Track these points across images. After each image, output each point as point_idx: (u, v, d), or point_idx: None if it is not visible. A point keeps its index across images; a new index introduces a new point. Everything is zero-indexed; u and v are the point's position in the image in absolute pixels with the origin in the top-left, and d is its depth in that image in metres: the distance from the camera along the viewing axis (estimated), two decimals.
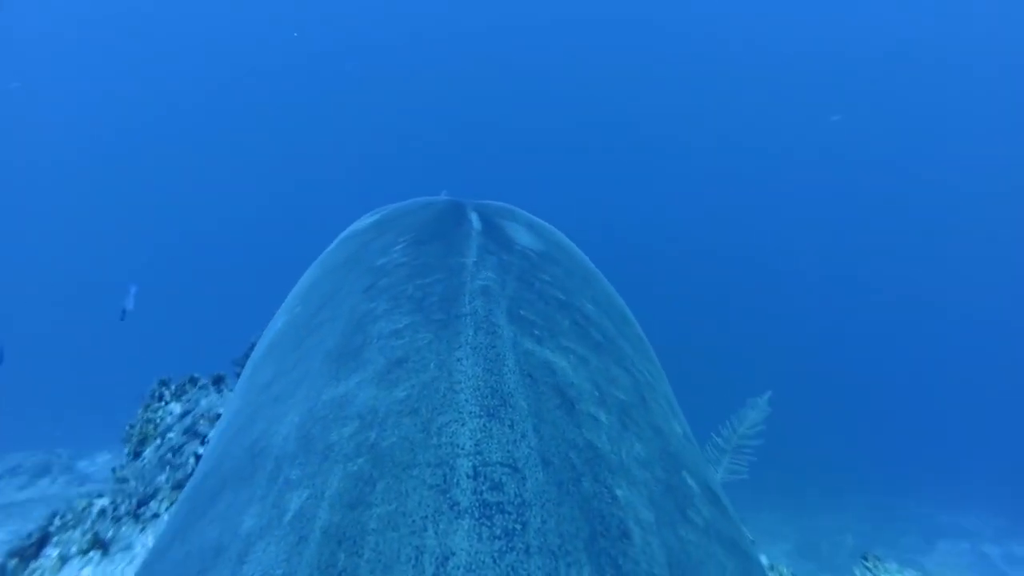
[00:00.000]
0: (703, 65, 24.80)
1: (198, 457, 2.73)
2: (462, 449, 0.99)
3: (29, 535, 2.48)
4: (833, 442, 11.79)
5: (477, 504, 0.90)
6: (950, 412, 13.36)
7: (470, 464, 0.96)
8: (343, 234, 2.39)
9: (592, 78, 24.70)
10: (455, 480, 0.93)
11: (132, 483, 2.65)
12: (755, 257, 20.01)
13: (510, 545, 0.84)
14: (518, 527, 0.87)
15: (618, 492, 1.03)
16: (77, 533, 2.47)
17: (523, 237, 1.94)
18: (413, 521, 0.88)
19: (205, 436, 2.88)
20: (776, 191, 23.42)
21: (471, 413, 1.06)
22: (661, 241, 20.35)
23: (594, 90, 24.66)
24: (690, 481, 1.25)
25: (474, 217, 1.97)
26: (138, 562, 2.33)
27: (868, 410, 12.89)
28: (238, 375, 3.32)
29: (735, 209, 23.02)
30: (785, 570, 2.84)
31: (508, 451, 0.99)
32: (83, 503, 2.65)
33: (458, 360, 1.18)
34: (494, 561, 0.82)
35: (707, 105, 24.58)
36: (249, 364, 1.86)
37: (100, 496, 2.68)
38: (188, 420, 3.00)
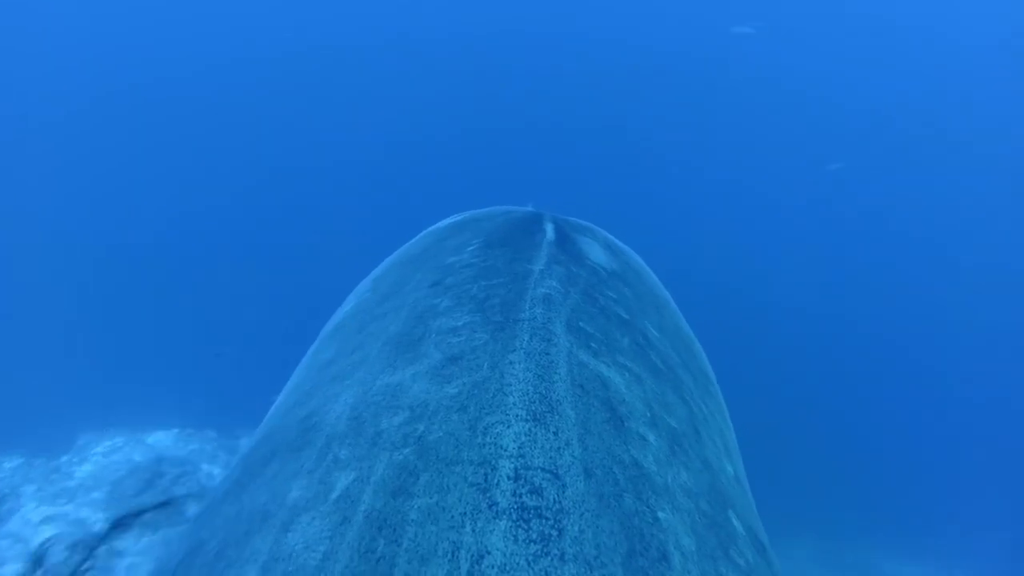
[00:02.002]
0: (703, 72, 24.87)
1: None
2: (505, 450, 1.00)
3: None
4: (778, 477, 11.24)
5: (515, 506, 0.91)
6: (900, 443, 13.10)
7: (512, 466, 0.97)
8: (424, 231, 2.45)
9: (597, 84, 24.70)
10: (495, 480, 0.95)
11: None
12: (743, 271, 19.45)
13: (545, 550, 0.86)
14: (554, 533, 0.88)
15: (660, 514, 1.03)
16: None
17: (597, 254, 1.95)
18: (452, 516, 0.89)
19: None
20: (769, 199, 22.91)
21: (517, 416, 1.07)
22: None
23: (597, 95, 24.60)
24: (735, 522, 1.25)
25: (549, 228, 2.00)
26: None
27: (813, 442, 12.54)
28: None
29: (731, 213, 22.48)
30: None
31: (551, 457, 1.01)
32: None
33: (510, 363, 1.21)
34: (528, 564, 0.83)
35: (701, 107, 24.60)
36: (316, 342, 1.90)
37: None
38: None
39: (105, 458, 7.76)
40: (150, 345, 14.15)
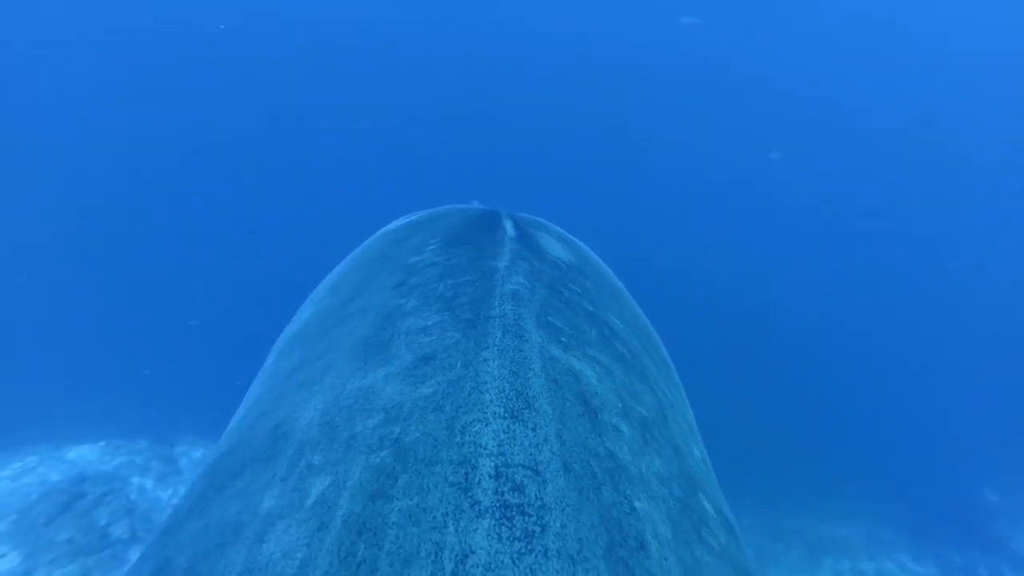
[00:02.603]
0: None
1: None
2: (485, 449, 1.00)
3: None
4: (720, 448, 11.40)
5: (498, 504, 0.91)
6: (826, 416, 14.06)
7: (492, 464, 0.97)
8: (377, 232, 2.41)
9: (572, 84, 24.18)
10: (477, 479, 0.94)
11: None
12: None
13: (529, 547, 0.86)
14: (537, 530, 0.89)
15: (637, 504, 1.05)
16: None
17: (555, 248, 1.98)
18: (434, 517, 0.89)
19: None
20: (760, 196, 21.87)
21: (495, 414, 1.08)
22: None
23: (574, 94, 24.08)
24: (706, 504, 1.29)
25: (508, 224, 2.01)
26: None
27: (751, 414, 13.26)
28: None
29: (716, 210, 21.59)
30: None
31: (530, 454, 1.01)
32: None
33: (484, 361, 1.20)
34: (513, 562, 0.83)
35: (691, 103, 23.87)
36: (274, 351, 1.83)
37: None
38: None
39: (13, 482, 6.87)
40: (71, 350, 12.85)
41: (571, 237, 2.38)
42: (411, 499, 0.92)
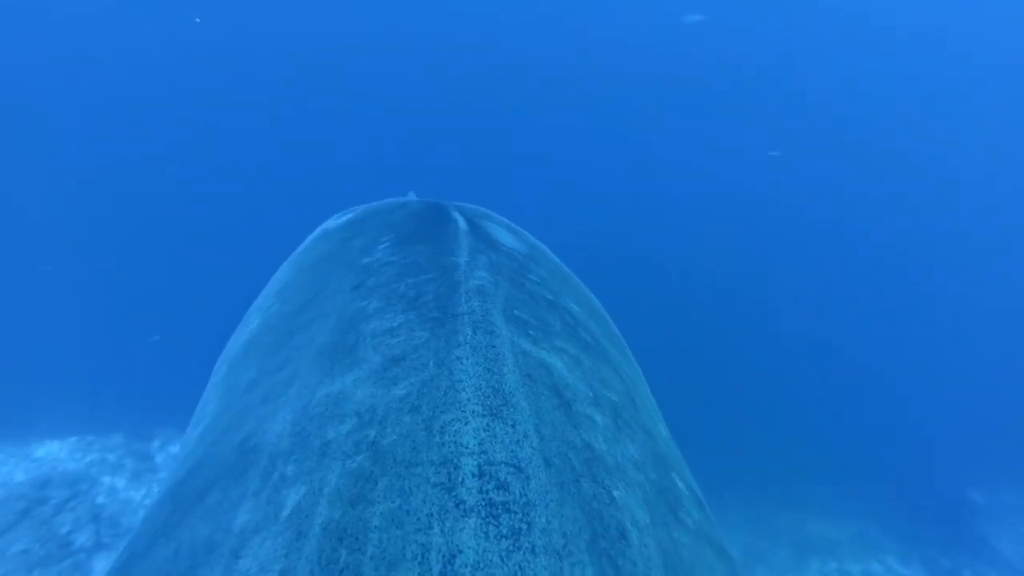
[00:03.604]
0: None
1: None
2: (466, 448, 0.98)
3: None
4: (707, 438, 11.05)
5: (483, 503, 0.90)
6: (815, 416, 14.10)
7: (475, 463, 0.96)
8: (315, 233, 2.35)
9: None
10: (460, 479, 0.93)
11: None
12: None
13: (517, 544, 0.85)
14: (524, 527, 0.88)
15: (615, 493, 1.06)
16: None
17: (506, 239, 1.97)
18: (418, 519, 0.87)
19: None
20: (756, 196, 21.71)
21: (474, 412, 1.06)
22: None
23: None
24: (679, 483, 1.31)
25: (459, 217, 1.99)
26: None
27: (741, 412, 13.24)
28: None
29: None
30: None
31: (512, 451, 1.00)
32: None
33: (458, 359, 1.19)
34: (502, 560, 0.82)
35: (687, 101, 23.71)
36: (223, 365, 1.77)
37: None
38: None
39: None
40: (44, 342, 12.47)
41: (516, 226, 2.38)
42: (393, 502, 0.90)
